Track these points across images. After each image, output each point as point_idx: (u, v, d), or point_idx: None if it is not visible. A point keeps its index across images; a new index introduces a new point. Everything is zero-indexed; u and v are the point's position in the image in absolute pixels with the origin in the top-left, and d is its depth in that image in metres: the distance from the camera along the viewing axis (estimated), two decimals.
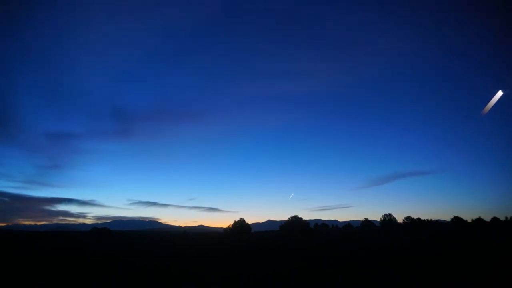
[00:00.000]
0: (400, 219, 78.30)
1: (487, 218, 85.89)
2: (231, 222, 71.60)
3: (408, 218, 77.86)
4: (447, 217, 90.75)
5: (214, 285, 13.87)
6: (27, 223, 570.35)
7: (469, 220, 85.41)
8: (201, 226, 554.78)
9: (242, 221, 70.94)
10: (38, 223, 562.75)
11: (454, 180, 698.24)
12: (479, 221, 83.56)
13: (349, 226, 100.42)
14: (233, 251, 29.49)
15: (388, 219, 76.30)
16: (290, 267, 17.92)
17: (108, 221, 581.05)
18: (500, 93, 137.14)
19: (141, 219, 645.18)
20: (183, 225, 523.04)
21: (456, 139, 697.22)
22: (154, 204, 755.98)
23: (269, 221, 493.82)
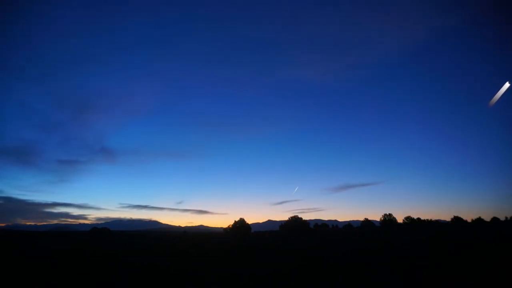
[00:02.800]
0: (400, 219, 78.39)
1: (487, 218, 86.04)
2: (221, 224, 71.96)
3: (408, 218, 77.90)
4: (447, 217, 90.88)
5: (214, 285, 13.87)
6: (28, 223, 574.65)
7: (469, 220, 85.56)
8: (201, 226, 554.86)
9: (242, 221, 70.89)
10: (38, 223, 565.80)
11: (454, 180, 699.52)
12: (479, 221, 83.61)
13: (349, 226, 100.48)
14: (233, 251, 29.47)
15: (388, 219, 76.34)
16: (290, 267, 17.92)
17: (108, 221, 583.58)
18: (507, 85, 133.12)
19: (141, 220, 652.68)
20: (182, 225, 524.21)
21: (455, 139, 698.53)
22: (145, 207, 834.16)
23: (269, 221, 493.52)
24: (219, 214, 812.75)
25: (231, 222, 71.00)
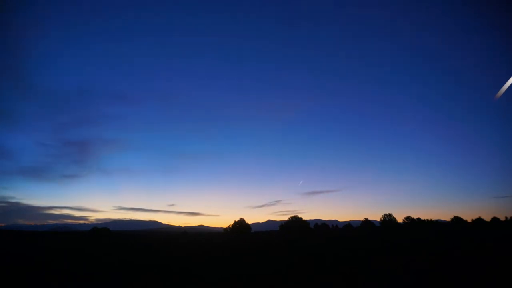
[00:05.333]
0: (400, 219, 78.41)
1: (487, 218, 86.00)
2: (213, 224, 72.06)
3: (408, 218, 77.95)
4: (447, 217, 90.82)
5: (214, 285, 13.87)
6: (28, 223, 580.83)
7: (469, 220, 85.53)
8: (201, 226, 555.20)
9: (242, 221, 70.92)
10: (39, 223, 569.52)
11: (454, 180, 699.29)
12: (479, 221, 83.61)
13: (349, 226, 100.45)
14: (233, 251, 29.49)
15: (388, 219, 76.37)
16: (290, 267, 17.93)
17: (108, 221, 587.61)
18: None
19: (141, 220, 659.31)
20: (182, 225, 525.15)
21: (456, 139, 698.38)
22: (140, 210, 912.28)
23: (269, 221, 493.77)
24: (211, 216, 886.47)
25: (224, 223, 71.46)
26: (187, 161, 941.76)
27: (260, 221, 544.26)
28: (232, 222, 71.05)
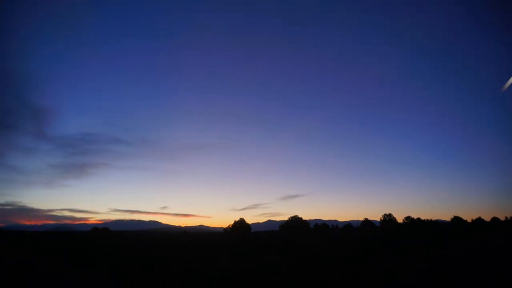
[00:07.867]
0: (400, 219, 78.40)
1: (487, 218, 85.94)
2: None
3: (408, 218, 77.95)
4: (447, 217, 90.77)
5: (214, 285, 13.88)
6: (28, 223, 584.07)
7: (469, 220, 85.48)
8: (201, 226, 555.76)
9: (242, 221, 70.90)
10: (39, 223, 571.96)
11: (454, 180, 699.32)
12: (479, 221, 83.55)
13: (349, 226, 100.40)
14: (233, 251, 29.50)
15: (388, 219, 76.36)
16: (290, 267, 17.94)
17: (109, 222, 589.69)
18: None
19: (141, 220, 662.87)
20: (182, 225, 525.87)
21: (456, 139, 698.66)
22: (136, 211, 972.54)
23: (269, 221, 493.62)
24: (204, 217, 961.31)
25: (218, 224, 71.71)
26: (175, 176, 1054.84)
27: (260, 221, 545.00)
28: (231, 222, 71.12)
